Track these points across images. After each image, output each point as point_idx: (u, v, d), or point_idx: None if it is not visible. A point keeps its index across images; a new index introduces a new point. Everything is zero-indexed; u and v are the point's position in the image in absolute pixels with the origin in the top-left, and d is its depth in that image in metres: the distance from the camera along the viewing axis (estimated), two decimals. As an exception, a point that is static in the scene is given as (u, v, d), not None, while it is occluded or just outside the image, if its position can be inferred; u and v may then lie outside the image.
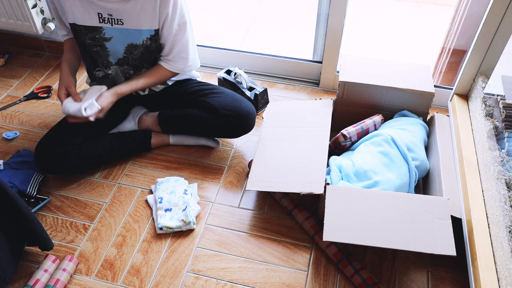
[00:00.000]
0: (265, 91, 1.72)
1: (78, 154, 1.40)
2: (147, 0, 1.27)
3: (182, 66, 1.44)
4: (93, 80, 1.51)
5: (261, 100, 1.72)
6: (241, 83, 1.73)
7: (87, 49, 1.39)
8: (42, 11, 1.83)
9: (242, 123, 1.45)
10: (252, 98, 1.70)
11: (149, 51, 1.39)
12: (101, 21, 1.30)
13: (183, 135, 1.56)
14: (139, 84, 1.43)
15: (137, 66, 1.43)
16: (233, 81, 1.74)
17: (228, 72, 1.77)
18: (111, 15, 1.29)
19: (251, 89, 1.73)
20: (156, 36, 1.35)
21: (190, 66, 1.45)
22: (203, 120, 1.45)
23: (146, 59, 1.42)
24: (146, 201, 1.40)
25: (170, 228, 1.30)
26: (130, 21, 1.31)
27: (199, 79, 1.63)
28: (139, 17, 1.30)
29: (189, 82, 1.56)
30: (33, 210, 1.34)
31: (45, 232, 1.19)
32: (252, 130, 1.66)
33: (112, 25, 1.31)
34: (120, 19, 1.30)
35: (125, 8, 1.28)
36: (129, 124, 1.57)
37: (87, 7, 1.28)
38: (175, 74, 1.48)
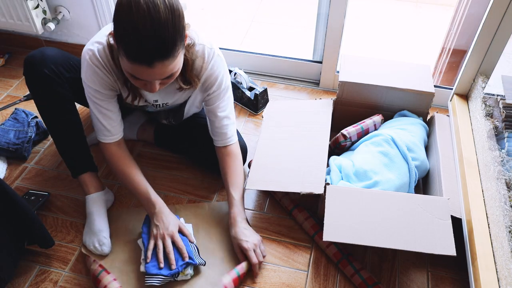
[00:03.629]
0: (265, 91, 1.72)
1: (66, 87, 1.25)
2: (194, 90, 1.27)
3: (231, 131, 1.32)
4: None
5: (261, 100, 1.72)
6: (241, 83, 1.73)
7: (125, 105, 1.34)
8: (44, 11, 1.83)
9: None
10: (252, 98, 1.70)
11: (180, 106, 1.39)
12: (147, 103, 1.31)
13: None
14: (239, 196, 1.27)
15: (167, 111, 1.42)
16: (233, 81, 1.74)
17: (228, 71, 1.77)
18: (156, 100, 1.28)
19: (251, 89, 1.73)
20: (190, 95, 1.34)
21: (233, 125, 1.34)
22: (196, 152, 1.46)
23: (174, 111, 1.41)
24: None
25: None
26: (174, 101, 1.31)
27: None
28: (182, 96, 1.31)
29: None
30: (34, 209, 1.34)
31: (45, 229, 1.19)
32: (252, 130, 1.66)
33: (157, 108, 1.32)
34: (165, 103, 1.30)
35: (170, 92, 1.27)
36: (127, 131, 1.56)
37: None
38: (238, 149, 1.33)
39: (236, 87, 1.73)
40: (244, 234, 1.20)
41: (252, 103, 1.72)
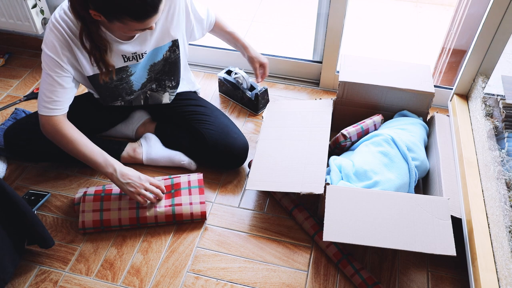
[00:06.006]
0: (266, 91, 1.72)
1: (44, 144, 1.33)
2: (163, 18, 1.26)
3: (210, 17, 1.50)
4: (105, 109, 1.45)
5: (261, 100, 1.72)
6: (242, 83, 1.73)
7: (111, 89, 1.35)
8: (42, 11, 1.83)
9: (233, 160, 1.43)
10: (253, 98, 1.70)
11: (169, 63, 1.37)
12: (125, 60, 1.28)
13: (158, 156, 1.49)
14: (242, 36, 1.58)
15: (159, 79, 1.41)
16: (233, 81, 1.74)
17: (229, 72, 1.77)
18: (135, 52, 1.27)
19: (251, 89, 1.73)
20: (174, 47, 1.34)
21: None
22: (195, 150, 1.45)
23: (167, 72, 1.40)
24: None
25: None
26: (151, 44, 1.29)
27: (200, 91, 1.67)
28: (158, 36, 1.29)
29: (189, 97, 1.54)
30: (34, 209, 1.34)
31: (45, 229, 1.19)
32: (252, 130, 1.66)
33: (137, 60, 1.30)
34: (143, 52, 1.29)
35: (145, 38, 1.26)
36: (126, 129, 1.57)
37: (110, 54, 1.23)
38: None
39: (236, 87, 1.73)
40: (260, 55, 1.56)
41: (252, 104, 1.72)
